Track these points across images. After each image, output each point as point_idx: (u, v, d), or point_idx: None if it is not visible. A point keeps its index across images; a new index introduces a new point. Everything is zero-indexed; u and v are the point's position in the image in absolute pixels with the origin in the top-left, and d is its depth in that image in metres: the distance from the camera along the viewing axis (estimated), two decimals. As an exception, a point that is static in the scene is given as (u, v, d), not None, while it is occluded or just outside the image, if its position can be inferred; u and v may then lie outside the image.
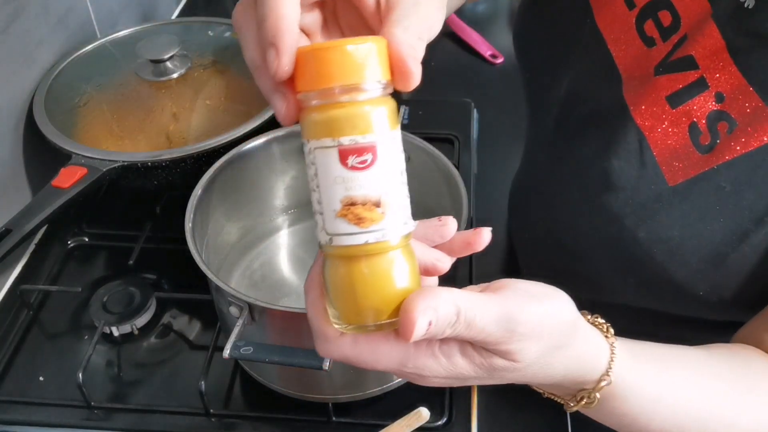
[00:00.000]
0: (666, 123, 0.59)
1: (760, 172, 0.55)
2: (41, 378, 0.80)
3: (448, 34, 1.31)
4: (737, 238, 0.55)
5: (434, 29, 0.46)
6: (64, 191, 0.83)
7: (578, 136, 0.65)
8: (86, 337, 0.84)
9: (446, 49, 1.29)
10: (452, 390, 0.77)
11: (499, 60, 1.27)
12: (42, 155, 0.95)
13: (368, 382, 0.74)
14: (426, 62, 0.46)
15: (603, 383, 0.50)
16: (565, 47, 0.70)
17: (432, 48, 0.48)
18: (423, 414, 0.71)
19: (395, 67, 0.41)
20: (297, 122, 0.41)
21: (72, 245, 0.95)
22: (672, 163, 0.58)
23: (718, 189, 0.56)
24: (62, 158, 0.88)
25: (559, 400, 0.54)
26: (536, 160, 0.78)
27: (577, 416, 0.54)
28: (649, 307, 0.62)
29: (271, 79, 0.40)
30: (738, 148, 0.56)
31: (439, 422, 0.74)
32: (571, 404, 0.52)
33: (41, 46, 0.98)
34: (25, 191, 0.95)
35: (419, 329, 0.39)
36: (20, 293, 0.87)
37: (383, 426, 0.72)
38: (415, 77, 0.43)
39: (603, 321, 0.52)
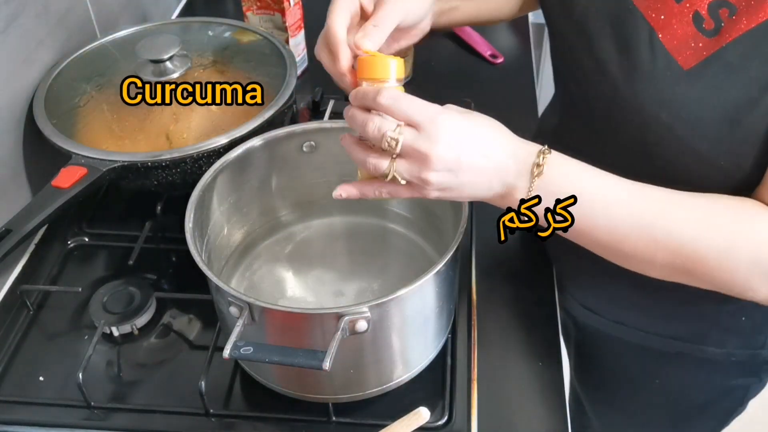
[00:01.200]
0: (673, 17, 0.65)
1: (763, 44, 0.61)
2: (41, 378, 0.80)
3: (448, 34, 1.31)
4: (748, 105, 0.62)
5: (410, 14, 0.73)
6: (64, 191, 0.83)
7: (597, 38, 0.70)
8: (86, 337, 0.84)
9: (446, 49, 1.29)
10: (452, 390, 0.77)
11: (499, 60, 1.27)
12: (42, 155, 0.95)
13: (368, 382, 0.74)
14: (426, 62, 0.49)
15: (546, 151, 0.62)
16: None
17: (432, 48, 0.50)
18: (423, 414, 0.71)
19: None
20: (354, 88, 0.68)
21: (72, 245, 0.95)
22: (683, 51, 0.64)
23: (727, 65, 0.62)
24: (62, 158, 0.88)
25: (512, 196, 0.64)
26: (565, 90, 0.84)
27: (578, 416, 0.55)
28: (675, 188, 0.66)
29: (338, 71, 0.69)
30: (741, 26, 0.62)
31: (439, 422, 0.74)
32: (523, 186, 0.62)
33: (41, 46, 0.98)
34: (25, 191, 0.95)
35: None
36: (20, 293, 0.87)
37: (383, 426, 0.72)
38: (366, 46, 0.68)
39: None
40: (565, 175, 0.63)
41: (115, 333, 0.83)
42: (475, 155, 0.61)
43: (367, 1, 0.71)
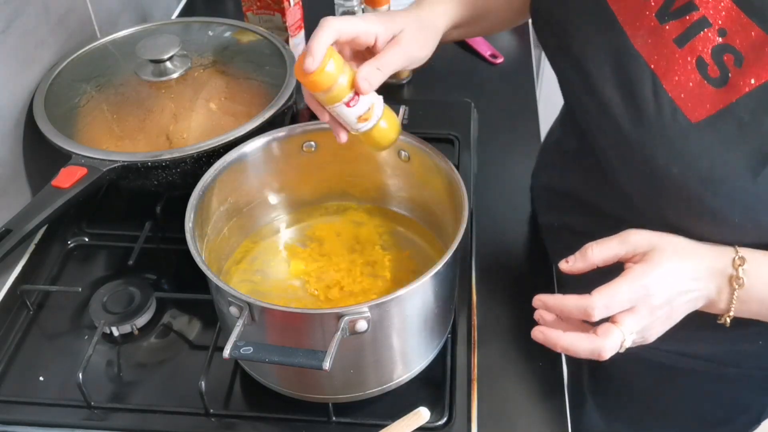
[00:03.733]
0: (675, 63, 0.64)
1: None
2: (41, 378, 0.80)
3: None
4: (760, 161, 0.60)
5: (413, 61, 0.78)
6: (64, 191, 0.83)
7: (597, 79, 0.69)
8: (86, 337, 0.84)
9: (446, 49, 1.28)
10: (452, 390, 0.77)
11: (499, 60, 1.27)
12: (42, 155, 0.95)
13: (368, 382, 0.74)
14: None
15: (738, 260, 0.63)
16: (574, 16, 0.73)
17: None
18: (423, 414, 0.71)
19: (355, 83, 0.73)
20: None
21: (72, 245, 0.95)
22: (688, 102, 0.63)
23: (739, 120, 0.61)
24: (62, 158, 0.88)
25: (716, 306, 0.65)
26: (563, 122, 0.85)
27: (577, 416, 0.55)
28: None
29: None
30: (752, 81, 0.60)
31: (439, 422, 0.74)
32: (725, 299, 0.64)
33: (41, 46, 0.98)
34: (25, 191, 0.95)
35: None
36: (20, 293, 0.87)
37: (383, 426, 0.72)
38: (364, 89, 0.74)
39: None
40: (764, 281, 0.65)
41: (115, 333, 0.83)
42: (685, 297, 0.65)
43: (364, 31, 0.73)
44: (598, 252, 0.66)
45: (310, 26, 1.22)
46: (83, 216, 0.97)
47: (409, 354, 0.75)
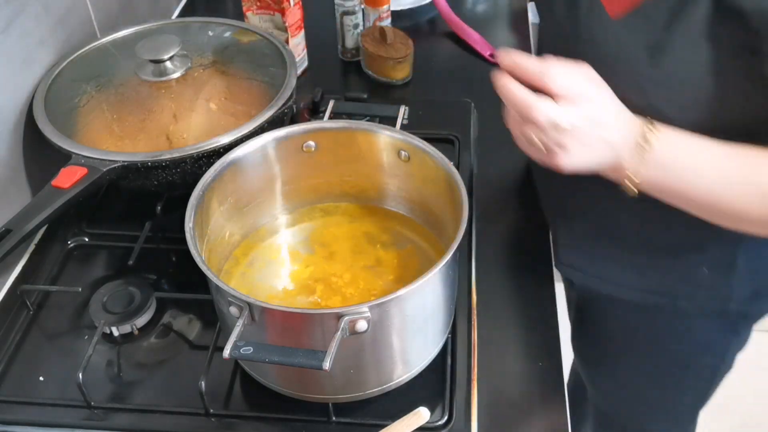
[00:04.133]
0: None
1: None
2: (41, 378, 0.80)
3: (448, 34, 1.31)
4: (657, 50, 0.69)
5: None
6: (64, 191, 0.83)
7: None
8: (86, 337, 0.84)
9: (446, 49, 1.29)
10: (452, 390, 0.77)
11: (499, 60, 1.27)
12: (42, 155, 0.95)
13: (368, 382, 0.74)
14: (426, 62, 0.49)
15: (649, 122, 0.67)
16: None
17: (432, 48, 0.50)
18: (423, 414, 0.71)
19: None
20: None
21: (72, 245, 0.95)
22: (614, 2, 0.71)
23: (645, 14, 0.69)
24: (62, 158, 0.88)
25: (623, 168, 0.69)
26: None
27: (578, 416, 0.55)
28: None
29: None
30: None
31: (439, 422, 0.74)
32: (634, 160, 0.68)
33: (41, 46, 0.98)
34: (25, 191, 0.95)
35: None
36: (20, 293, 0.87)
37: (383, 426, 0.72)
38: None
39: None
40: (672, 148, 0.68)
41: (115, 333, 0.83)
42: (605, 130, 0.67)
43: None
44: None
45: (310, 26, 1.23)
46: (83, 216, 0.97)
47: (409, 354, 0.75)
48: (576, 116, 0.65)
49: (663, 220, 0.78)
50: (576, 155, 0.67)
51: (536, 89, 0.66)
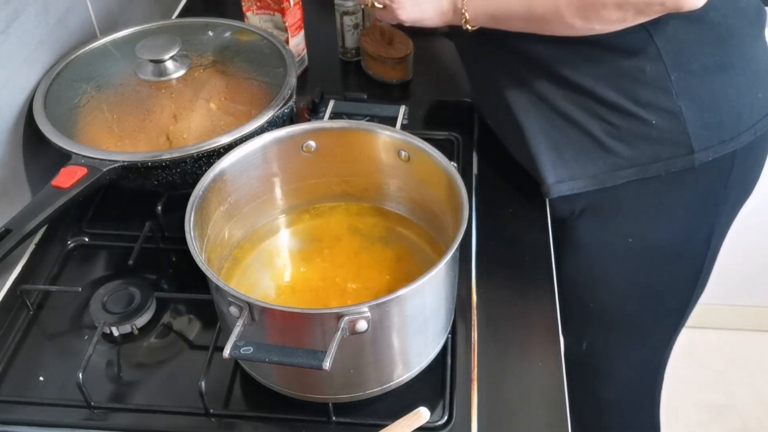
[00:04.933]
0: None
1: None
2: (41, 378, 0.80)
3: (448, 34, 1.31)
4: None
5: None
6: (64, 191, 0.83)
7: None
8: (86, 337, 0.84)
9: (446, 49, 1.29)
10: (452, 390, 0.77)
11: (499, 60, 1.27)
12: (42, 155, 0.95)
13: (368, 382, 0.74)
14: (426, 62, 0.49)
15: None
16: None
17: (432, 48, 0.50)
18: (423, 414, 0.71)
19: None
20: None
21: (72, 245, 0.95)
22: None
23: None
24: (62, 158, 0.88)
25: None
26: None
27: (578, 415, 0.55)
28: None
29: None
30: None
31: (439, 422, 0.74)
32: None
33: (41, 46, 0.98)
34: (25, 191, 0.95)
35: None
36: (20, 293, 0.87)
37: (383, 426, 0.72)
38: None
39: None
40: None
41: (115, 333, 0.83)
42: None
43: None
44: None
45: (310, 26, 1.23)
46: (83, 216, 0.97)
47: (409, 354, 0.75)
48: None
49: (584, 87, 0.89)
50: (409, 7, 0.91)
51: None
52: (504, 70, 0.94)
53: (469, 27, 0.89)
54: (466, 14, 0.88)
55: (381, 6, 0.93)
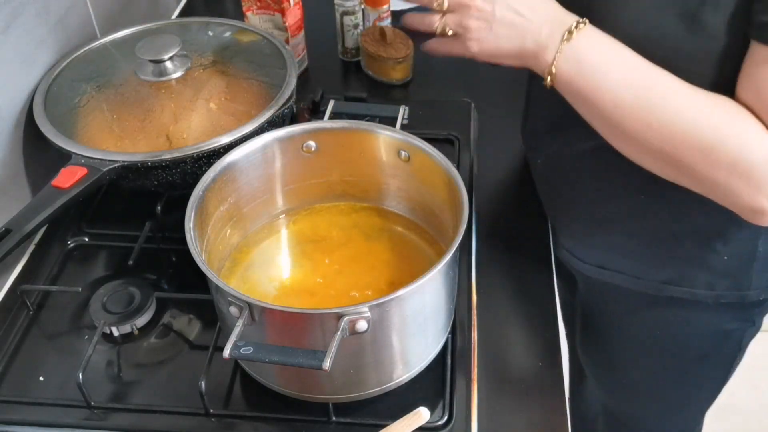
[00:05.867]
0: None
1: None
2: (41, 378, 0.80)
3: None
4: (690, 18, 0.67)
5: None
6: (64, 191, 0.83)
7: None
8: (86, 337, 0.84)
9: (446, 49, 1.29)
10: (452, 390, 0.77)
11: (499, 60, 1.26)
12: (42, 155, 0.95)
13: (368, 382, 0.74)
14: (426, 62, 0.50)
15: (582, 21, 0.70)
16: None
17: None
18: (423, 414, 0.71)
19: None
20: None
21: (72, 245, 0.95)
22: None
23: None
24: (62, 158, 0.88)
25: (542, 56, 0.72)
26: None
27: (577, 416, 0.55)
28: None
29: None
30: None
31: (439, 422, 0.74)
32: (552, 48, 0.70)
33: (41, 46, 0.98)
34: (25, 191, 0.95)
35: None
36: (20, 293, 0.87)
37: (383, 426, 0.72)
38: None
39: None
40: (592, 46, 0.70)
41: (115, 333, 0.83)
42: (509, 12, 0.72)
43: None
44: None
45: (310, 26, 1.23)
46: (83, 216, 0.97)
47: (409, 354, 0.75)
48: (486, 2, 0.72)
49: (680, 207, 0.79)
50: (481, 34, 0.73)
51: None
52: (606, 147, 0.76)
53: (548, 83, 0.73)
54: (554, 69, 0.71)
55: (451, 34, 0.75)
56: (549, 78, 0.71)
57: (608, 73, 0.69)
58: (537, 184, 0.99)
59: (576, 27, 0.70)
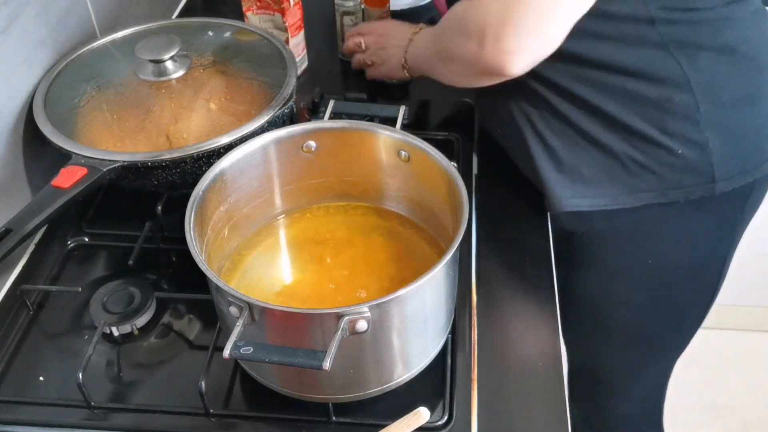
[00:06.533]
0: None
1: None
2: (41, 378, 0.80)
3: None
4: None
5: None
6: (64, 191, 0.83)
7: None
8: (86, 337, 0.84)
9: (446, 49, 1.29)
10: (452, 390, 0.77)
11: (499, 60, 1.26)
12: (42, 155, 0.95)
13: (368, 382, 0.74)
14: None
15: (417, 30, 1.07)
16: None
17: None
18: (423, 414, 0.71)
19: None
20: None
21: (72, 245, 0.95)
22: None
23: None
24: (62, 158, 0.88)
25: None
26: None
27: (578, 416, 0.55)
28: None
29: None
30: None
31: (439, 422, 0.74)
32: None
33: (41, 46, 0.98)
34: (25, 191, 0.95)
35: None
36: (20, 293, 0.87)
37: (383, 426, 0.72)
38: None
39: None
40: (417, 41, 1.05)
41: (115, 333, 0.83)
42: (390, 38, 1.11)
43: None
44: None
45: (310, 26, 1.23)
46: (83, 216, 0.97)
47: (409, 354, 0.75)
48: (369, 39, 1.14)
49: (615, 118, 0.88)
50: (380, 56, 1.12)
51: None
52: (516, 85, 0.90)
53: (406, 74, 1.08)
54: (407, 64, 1.06)
55: (369, 64, 1.14)
56: (411, 73, 1.08)
57: (418, 48, 1.05)
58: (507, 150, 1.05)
59: (415, 32, 1.06)
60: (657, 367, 1.18)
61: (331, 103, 0.93)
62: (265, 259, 0.87)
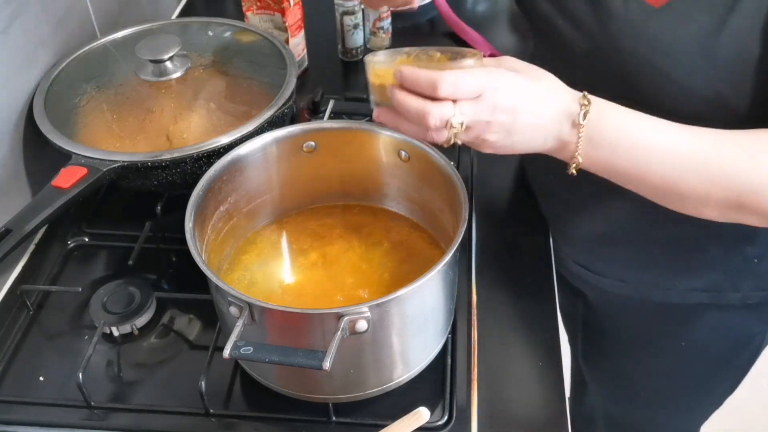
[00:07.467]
0: None
1: None
2: (41, 378, 0.80)
3: (448, 34, 1.31)
4: (716, 27, 0.65)
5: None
6: (64, 191, 0.83)
7: (572, 8, 0.74)
8: (86, 337, 0.84)
9: (446, 49, 1.29)
10: (452, 390, 0.77)
11: (499, 60, 1.26)
12: (42, 155, 0.95)
13: (368, 382, 0.74)
14: None
15: (582, 98, 0.65)
16: None
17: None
18: (423, 414, 0.71)
19: None
20: None
21: (72, 245, 0.95)
22: None
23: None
24: (62, 158, 0.88)
25: (567, 149, 0.67)
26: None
27: (579, 415, 0.55)
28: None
29: None
30: None
31: (439, 422, 0.74)
32: (574, 139, 0.66)
33: (41, 46, 0.98)
34: (25, 191, 0.95)
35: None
36: (20, 293, 0.87)
37: (383, 426, 0.72)
38: None
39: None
40: (606, 125, 0.66)
41: (115, 333, 0.83)
42: (529, 116, 0.65)
43: None
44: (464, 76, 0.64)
45: (310, 26, 1.23)
46: (83, 216, 0.97)
47: (409, 354, 0.75)
48: (474, 111, 0.63)
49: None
50: (497, 144, 0.66)
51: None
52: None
53: (574, 171, 0.68)
54: (579, 158, 0.67)
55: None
56: (573, 166, 0.67)
57: (638, 148, 0.66)
58: (539, 198, 0.97)
59: (582, 106, 0.65)
60: (684, 423, 1.13)
61: (331, 103, 0.93)
62: (265, 259, 0.87)
